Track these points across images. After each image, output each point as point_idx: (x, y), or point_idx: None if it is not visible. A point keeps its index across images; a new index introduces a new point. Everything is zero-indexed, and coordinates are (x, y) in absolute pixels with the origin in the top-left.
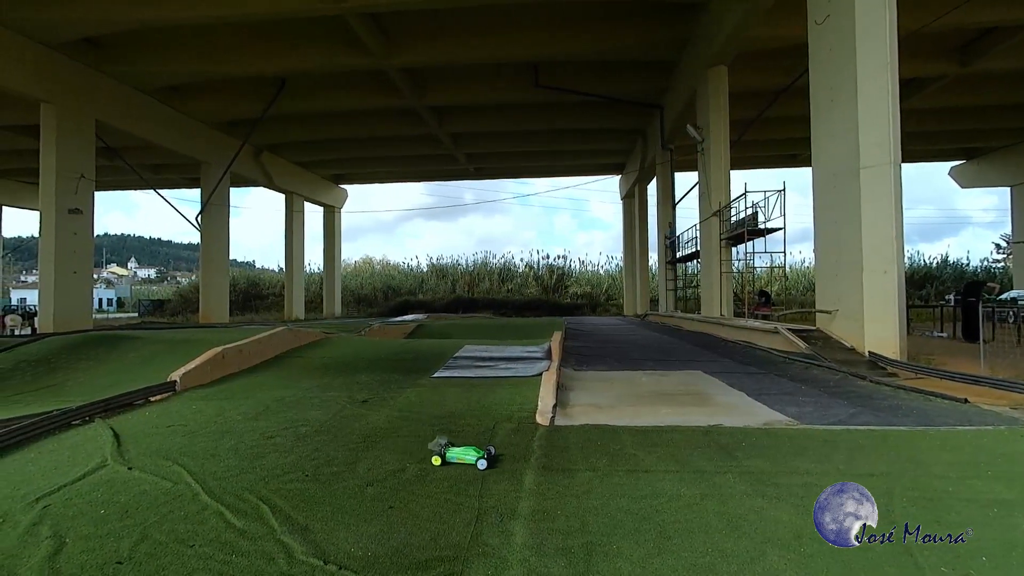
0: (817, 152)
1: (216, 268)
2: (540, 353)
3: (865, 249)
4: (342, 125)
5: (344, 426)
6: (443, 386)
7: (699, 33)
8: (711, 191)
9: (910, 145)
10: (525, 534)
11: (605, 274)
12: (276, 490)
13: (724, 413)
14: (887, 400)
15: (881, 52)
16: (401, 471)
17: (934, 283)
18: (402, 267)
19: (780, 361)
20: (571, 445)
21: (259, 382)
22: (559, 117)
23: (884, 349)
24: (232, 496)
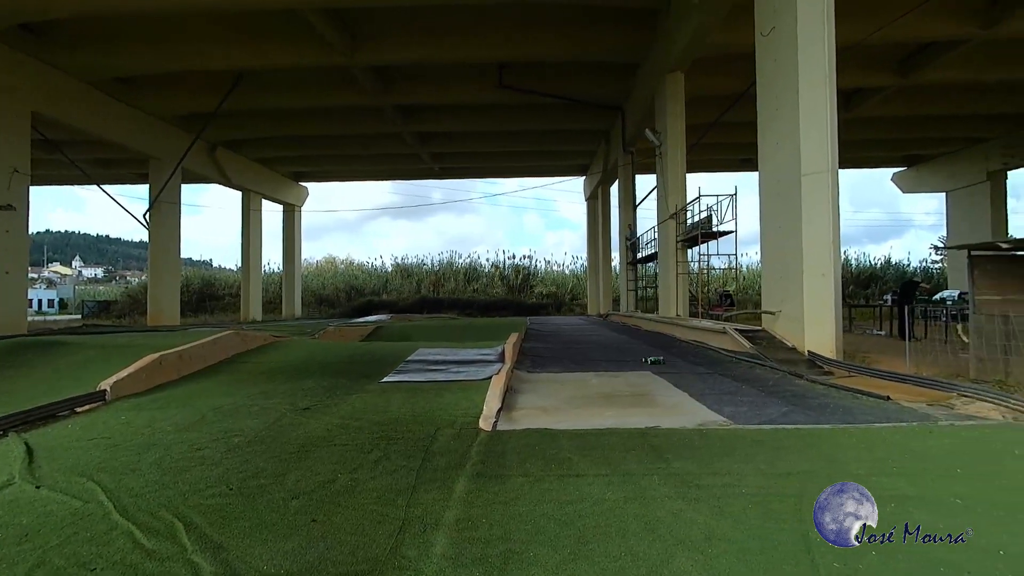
0: (763, 159)
1: (166, 267)
2: (494, 356)
3: (805, 253)
4: (303, 122)
5: (280, 436)
6: (391, 391)
7: (658, 39)
8: (668, 194)
9: (857, 152)
10: (445, 544)
11: (570, 274)
12: (195, 506)
13: (664, 414)
14: (818, 399)
15: (820, 65)
16: (331, 482)
17: (878, 283)
18: (366, 267)
19: (727, 361)
20: (509, 451)
21: (199, 390)
22: (525, 118)
23: (822, 348)
24: (146, 514)
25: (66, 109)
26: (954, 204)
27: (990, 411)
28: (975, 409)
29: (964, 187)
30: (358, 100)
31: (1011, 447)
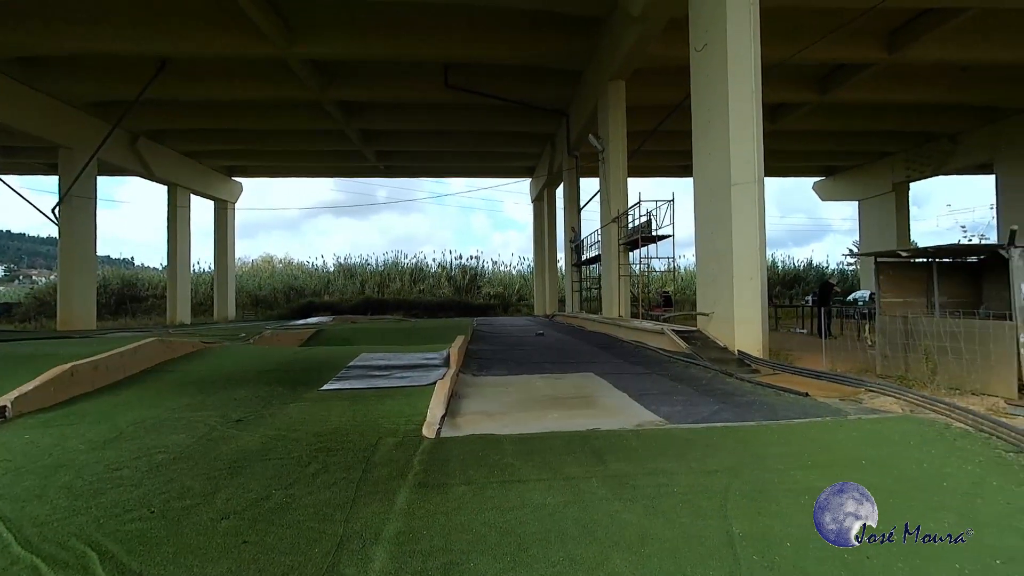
0: (697, 168)
1: (79, 267)
2: (439, 360)
3: (735, 259)
4: (238, 114)
5: (209, 451)
6: (331, 399)
7: (601, 48)
8: (611, 198)
9: (782, 162)
10: (385, 559)
11: (517, 274)
12: (111, 533)
13: (605, 415)
14: (746, 396)
15: (748, 81)
16: (265, 499)
17: (801, 283)
18: (307, 266)
19: (665, 360)
20: (453, 458)
21: (117, 403)
22: (471, 119)
23: (750, 348)
24: (53, 544)
25: None
26: (865, 212)
27: (892, 404)
28: (880, 403)
29: (873, 196)
30: (297, 94)
31: (907, 438)
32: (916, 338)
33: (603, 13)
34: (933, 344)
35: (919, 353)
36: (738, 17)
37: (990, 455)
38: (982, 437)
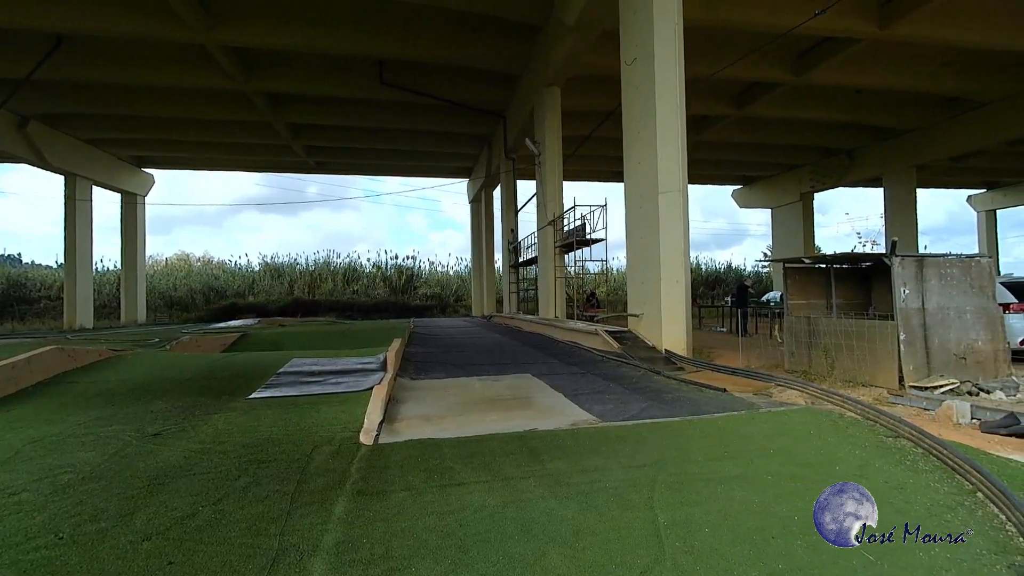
0: (628, 175)
1: None
2: (375, 364)
3: (663, 262)
4: (150, 101)
5: (125, 468)
6: (260, 408)
7: (537, 54)
8: (547, 201)
9: (704, 171)
10: (324, 570)
11: (455, 275)
12: (12, 563)
13: (542, 416)
14: (672, 393)
15: (673, 95)
16: (191, 516)
17: (722, 284)
18: (229, 265)
19: (598, 360)
20: (392, 464)
21: (9, 419)
22: (407, 117)
23: (676, 347)
24: None
25: None
26: (777, 218)
27: (797, 397)
28: (787, 396)
29: (784, 205)
30: (218, 82)
31: (808, 428)
32: (818, 336)
33: (539, 21)
34: (831, 341)
35: (820, 350)
36: (664, 34)
37: (874, 440)
38: (868, 424)
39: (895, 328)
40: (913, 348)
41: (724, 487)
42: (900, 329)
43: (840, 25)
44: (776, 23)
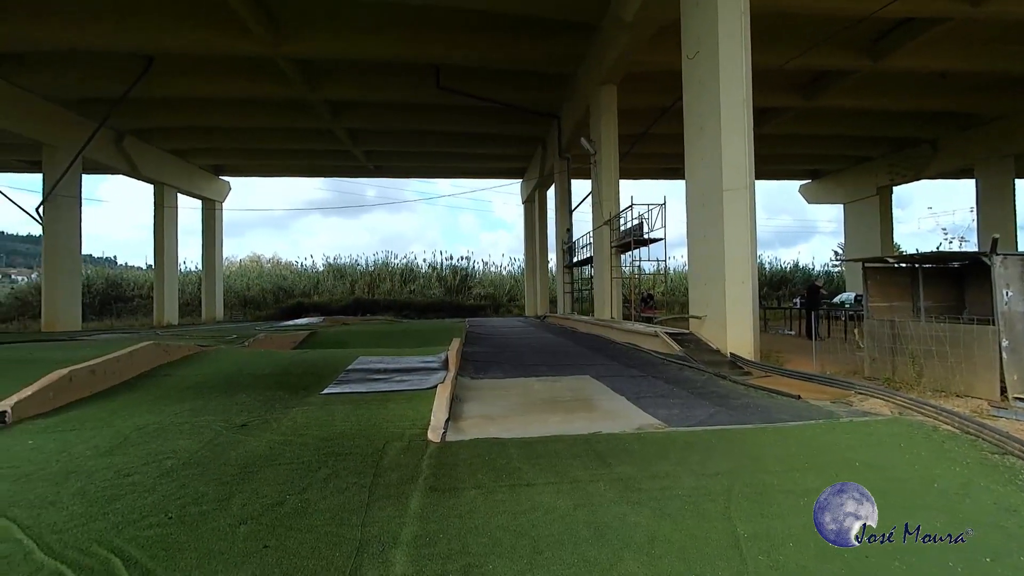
0: (689, 173)
1: (64, 267)
2: (437, 363)
3: (727, 263)
4: (225, 113)
5: (218, 456)
6: (333, 403)
7: (592, 53)
8: (602, 201)
9: (768, 166)
10: (405, 562)
11: (508, 275)
12: (132, 538)
13: (605, 419)
14: (740, 399)
15: (739, 89)
16: (280, 504)
17: (788, 285)
18: (295, 266)
19: (659, 363)
20: (460, 462)
21: (116, 408)
22: (462, 120)
23: (742, 350)
24: (75, 551)
25: None
26: (850, 214)
27: (881, 406)
28: (869, 405)
29: (858, 200)
30: (285, 93)
31: (897, 440)
32: (903, 341)
33: (595, 19)
34: (919, 347)
35: (906, 356)
36: (730, 26)
37: (976, 457)
38: (968, 439)
39: (996, 334)
40: (1018, 355)
41: (806, 500)
42: (1002, 335)
43: (929, 6)
44: (855, 8)
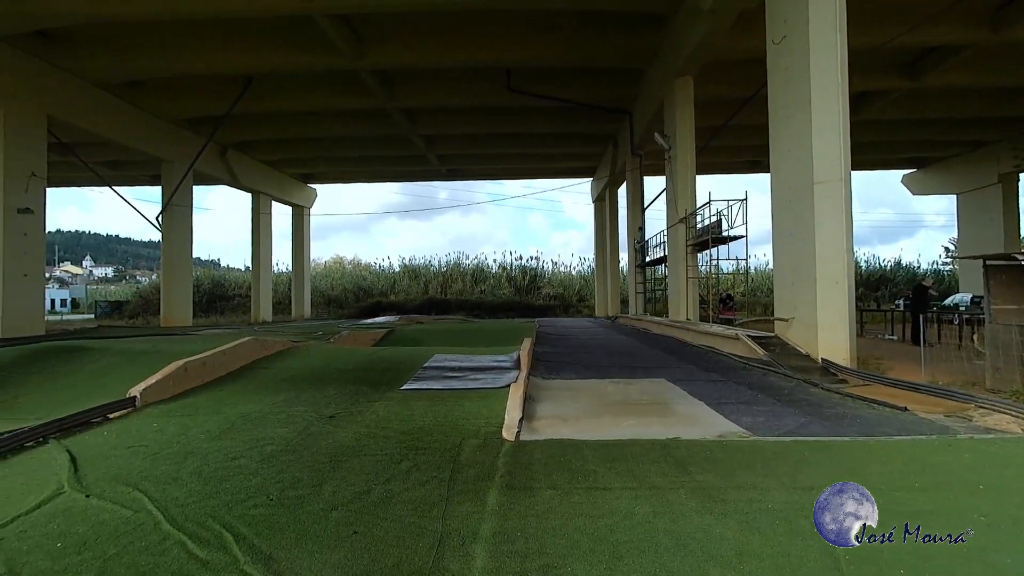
0: (775, 166)
1: (178, 269)
2: (509, 363)
3: (818, 261)
4: (311, 124)
5: (311, 444)
6: (412, 399)
7: (666, 45)
8: (678, 198)
9: (865, 155)
10: (485, 558)
11: (577, 275)
12: (240, 516)
13: (683, 424)
14: (835, 408)
15: (832, 74)
16: (367, 493)
17: (888, 285)
18: (374, 267)
19: (740, 367)
20: (535, 461)
21: (223, 396)
22: (532, 121)
23: (836, 356)
24: (195, 524)
25: (79, 113)
26: (964, 206)
27: (1009, 424)
28: (994, 421)
29: (975, 189)
30: (365, 103)
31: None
32: None
33: (668, 10)
34: None
35: None
36: (821, 6)
37: None
38: None
39: None
40: None
41: (917, 523)
42: None
43: None
44: None
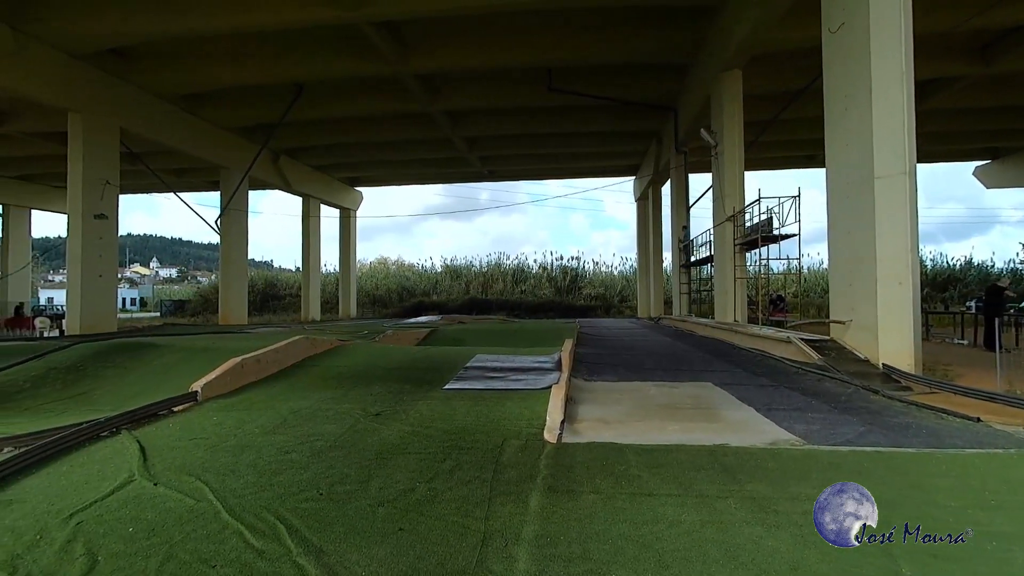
0: (831, 160)
1: (235, 271)
2: (551, 364)
3: (879, 260)
4: (357, 129)
5: (358, 441)
6: (454, 399)
7: (713, 37)
8: (725, 195)
9: (932, 146)
10: (528, 560)
11: (619, 275)
12: (292, 509)
13: (731, 430)
14: (898, 417)
15: (896, 62)
16: (411, 491)
17: (957, 285)
18: (417, 268)
19: (792, 372)
20: (577, 464)
21: (276, 392)
22: (573, 119)
23: (898, 361)
24: (251, 515)
25: (147, 124)
26: None
27: None
28: None
29: None
30: (408, 107)
31: None
32: None
33: (715, 1)
34: None
35: None
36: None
37: None
38: None
39: None
40: None
41: (996, 545)
42: None
43: None
44: None
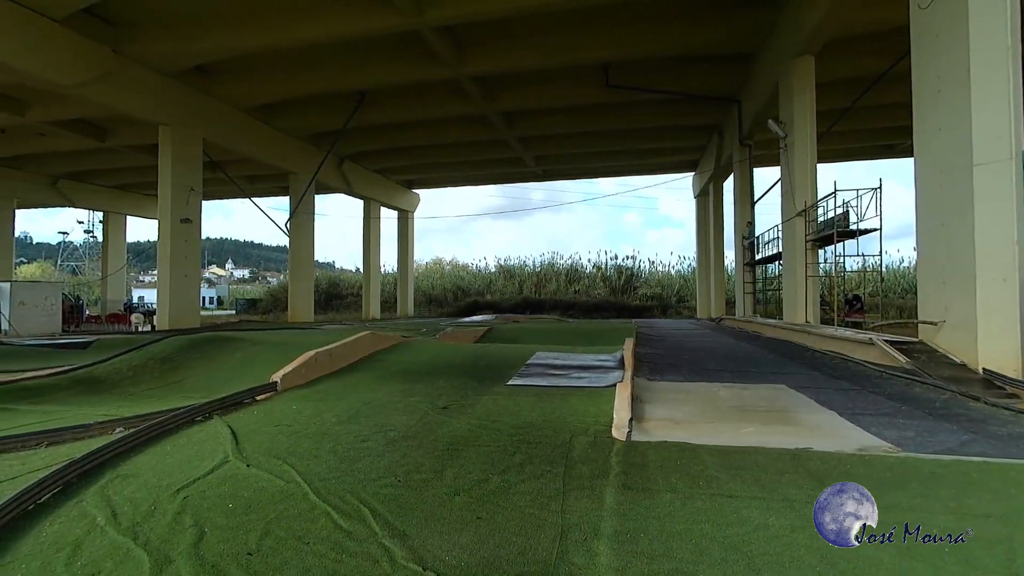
0: (920, 147)
1: (302, 271)
2: (613, 362)
3: (979, 255)
4: (415, 133)
5: (429, 433)
6: (518, 394)
7: (784, 22)
8: (795, 189)
9: None
10: (609, 555)
11: (676, 275)
12: (373, 494)
13: (813, 435)
14: (1006, 427)
15: (1000, 34)
16: (485, 481)
17: None
18: (471, 268)
19: (876, 376)
20: (649, 463)
21: (347, 385)
22: (630, 116)
23: (1002, 366)
24: (336, 497)
25: (226, 134)
26: None
27: None
28: None
29: None
30: (464, 109)
31: None
32: None
33: None
34: None
35: None
36: None
37: None
38: None
39: None
40: None
41: None
42: None
43: None
44: None
